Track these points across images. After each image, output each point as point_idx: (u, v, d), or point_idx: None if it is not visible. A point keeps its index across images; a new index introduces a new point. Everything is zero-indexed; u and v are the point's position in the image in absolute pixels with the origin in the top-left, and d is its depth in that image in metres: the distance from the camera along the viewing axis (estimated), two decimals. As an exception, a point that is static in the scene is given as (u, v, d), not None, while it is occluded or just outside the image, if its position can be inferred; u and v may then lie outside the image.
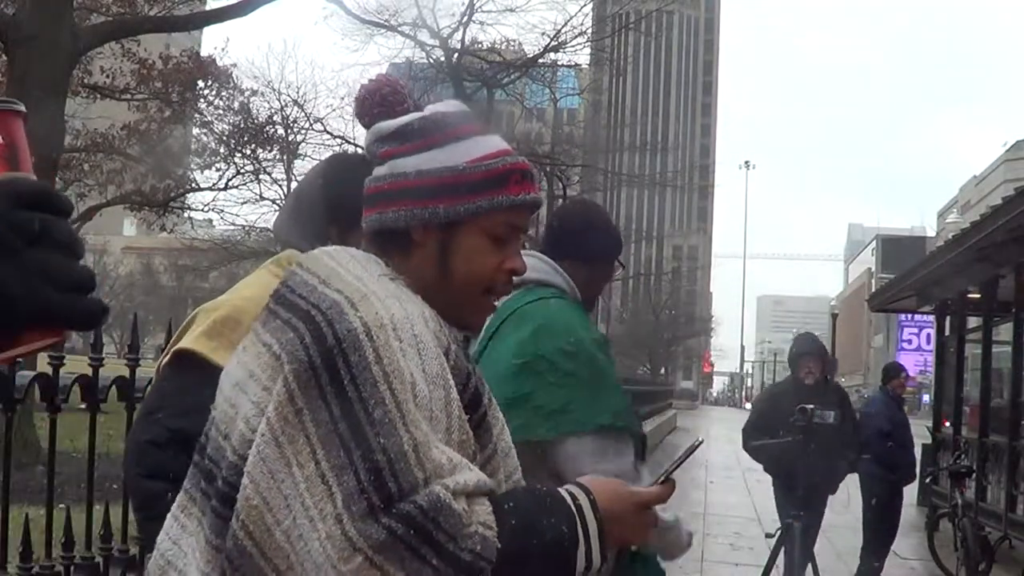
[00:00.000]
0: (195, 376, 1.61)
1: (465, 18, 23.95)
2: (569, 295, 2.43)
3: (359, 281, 1.27)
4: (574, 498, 1.28)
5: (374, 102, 1.41)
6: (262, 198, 23.48)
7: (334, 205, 1.81)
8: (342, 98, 23.92)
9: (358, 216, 1.72)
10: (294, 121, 23.75)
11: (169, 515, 1.34)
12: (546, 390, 2.05)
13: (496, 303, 1.45)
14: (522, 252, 1.45)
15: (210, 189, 23.19)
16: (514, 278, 1.43)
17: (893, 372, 8.00)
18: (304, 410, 1.18)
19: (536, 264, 2.26)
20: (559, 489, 1.30)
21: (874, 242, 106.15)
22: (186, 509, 1.31)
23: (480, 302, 1.40)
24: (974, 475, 9.14)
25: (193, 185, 23.31)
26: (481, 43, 25.37)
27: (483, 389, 1.35)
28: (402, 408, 1.16)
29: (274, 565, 1.16)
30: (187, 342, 1.73)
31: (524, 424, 1.90)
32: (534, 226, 11.90)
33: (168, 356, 1.80)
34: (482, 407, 1.33)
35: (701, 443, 1.61)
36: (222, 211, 24.34)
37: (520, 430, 1.65)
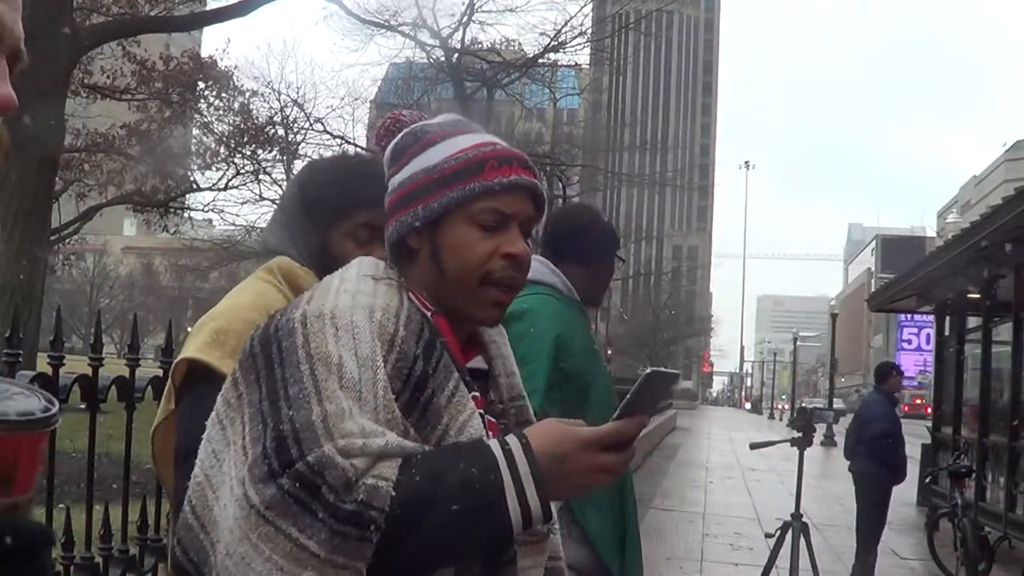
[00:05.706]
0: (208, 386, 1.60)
1: (465, 18, 24.02)
2: (565, 294, 2.58)
3: (339, 280, 1.36)
4: (503, 443, 1.23)
5: (380, 136, 1.49)
6: (262, 198, 23.47)
7: (311, 209, 1.82)
8: (342, 98, 23.97)
9: (334, 215, 1.78)
10: (294, 121, 23.76)
11: None
12: None
13: (504, 294, 1.39)
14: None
15: (210, 189, 23.19)
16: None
17: (888, 372, 8.01)
18: (243, 394, 1.28)
19: (534, 266, 2.38)
20: (492, 438, 1.26)
21: (874, 242, 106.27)
22: None
23: (480, 294, 1.37)
24: (974, 475, 9.16)
25: (193, 185, 23.32)
26: (481, 43, 25.40)
27: (437, 376, 1.29)
28: (319, 386, 1.22)
29: (211, 539, 1.22)
30: (190, 351, 1.73)
31: None
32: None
33: (178, 368, 1.78)
34: (428, 391, 1.28)
35: (678, 375, 1.44)
36: (222, 211, 24.36)
37: None
